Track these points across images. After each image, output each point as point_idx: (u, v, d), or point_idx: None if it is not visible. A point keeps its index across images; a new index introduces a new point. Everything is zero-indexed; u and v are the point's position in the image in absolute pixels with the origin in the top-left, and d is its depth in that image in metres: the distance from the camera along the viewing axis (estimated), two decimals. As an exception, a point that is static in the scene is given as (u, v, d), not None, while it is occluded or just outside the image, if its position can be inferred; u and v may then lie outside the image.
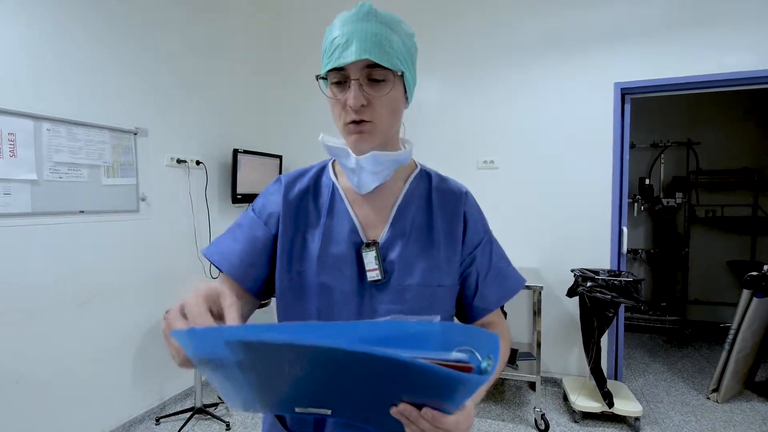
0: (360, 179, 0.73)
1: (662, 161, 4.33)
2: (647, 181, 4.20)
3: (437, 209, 0.78)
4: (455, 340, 0.43)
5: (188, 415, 2.57)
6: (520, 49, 3.06)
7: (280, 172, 3.57)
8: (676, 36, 2.72)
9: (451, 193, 0.81)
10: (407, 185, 0.80)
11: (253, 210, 0.80)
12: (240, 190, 3.15)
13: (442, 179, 0.83)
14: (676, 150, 4.31)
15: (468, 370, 0.40)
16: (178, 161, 2.78)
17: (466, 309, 0.81)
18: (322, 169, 0.83)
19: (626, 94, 2.87)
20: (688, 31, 2.69)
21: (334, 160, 0.84)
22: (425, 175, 0.83)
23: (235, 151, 3.10)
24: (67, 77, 2.15)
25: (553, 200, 3.02)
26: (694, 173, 4.21)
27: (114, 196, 2.40)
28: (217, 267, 0.76)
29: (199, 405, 2.60)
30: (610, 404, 2.48)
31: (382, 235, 0.75)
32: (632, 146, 4.31)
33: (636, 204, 4.22)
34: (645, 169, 4.42)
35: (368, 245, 0.73)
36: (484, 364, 0.41)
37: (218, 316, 0.51)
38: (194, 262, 2.90)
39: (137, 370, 2.54)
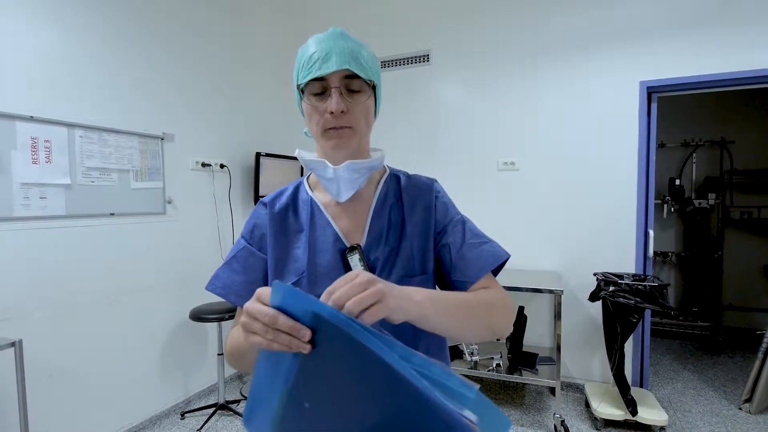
0: (338, 187, 0.78)
1: (694, 161, 4.17)
2: (678, 182, 4.05)
3: (408, 205, 0.83)
4: (469, 405, 0.43)
5: (211, 410, 2.65)
6: (542, 48, 3.01)
7: (302, 175, 3.63)
8: (704, 32, 2.61)
9: (419, 187, 0.86)
10: (379, 189, 0.85)
11: (243, 237, 0.84)
12: (262, 192, 3.23)
13: (410, 177, 0.89)
14: (708, 149, 4.14)
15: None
16: (203, 165, 2.88)
17: (450, 286, 0.82)
18: (297, 187, 0.88)
19: (652, 92, 2.79)
20: (717, 27, 2.59)
21: (308, 177, 0.89)
22: (394, 177, 0.88)
23: (258, 155, 3.18)
24: (98, 86, 2.26)
25: (576, 202, 2.96)
26: (728, 173, 4.03)
27: (142, 199, 2.50)
28: (224, 299, 0.81)
29: (221, 401, 2.68)
30: (634, 412, 2.41)
31: (362, 238, 0.80)
32: (662, 145, 4.17)
33: (666, 205, 4.08)
34: (676, 169, 4.26)
35: (352, 249, 0.77)
36: None
37: None
38: (217, 262, 2.96)
39: (164, 367, 2.65)
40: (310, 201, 0.83)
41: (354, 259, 0.76)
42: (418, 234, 0.81)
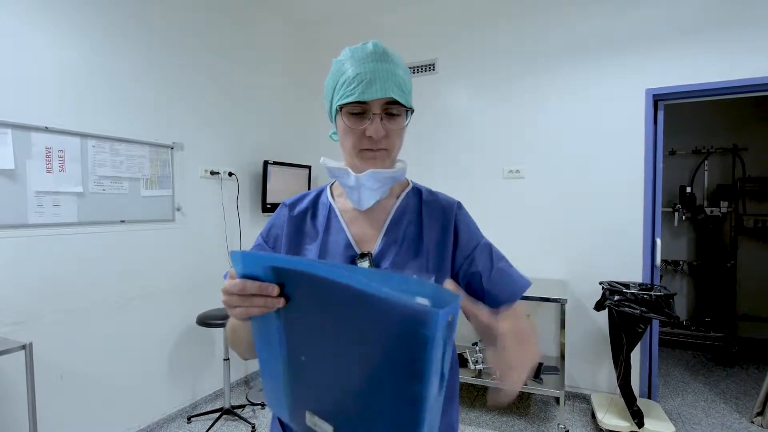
0: (360, 195, 0.79)
1: (706, 168, 4.11)
2: (689, 190, 3.99)
3: (426, 222, 0.83)
4: (421, 293, 0.45)
5: (217, 415, 2.69)
6: (548, 56, 3.02)
7: (309, 182, 3.68)
8: (711, 39, 2.59)
9: (441, 206, 0.85)
10: (399, 201, 0.85)
11: (261, 235, 0.87)
12: (270, 199, 3.28)
13: (432, 194, 0.88)
14: (720, 156, 4.08)
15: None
16: (212, 173, 2.94)
17: None
18: (320, 192, 0.90)
19: (659, 100, 2.77)
20: (724, 33, 2.56)
21: (331, 185, 0.91)
22: (416, 191, 0.88)
23: (266, 163, 3.23)
24: (110, 96, 2.34)
25: (582, 210, 2.94)
26: (740, 181, 3.96)
27: (152, 207, 2.57)
28: None
29: (227, 406, 2.71)
30: (640, 424, 2.38)
31: (375, 246, 0.80)
32: (672, 153, 4.13)
33: (677, 213, 4.02)
34: (687, 177, 4.20)
35: (362, 256, 0.78)
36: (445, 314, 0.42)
37: None
38: (225, 268, 3.03)
39: (171, 371, 2.70)
40: (328, 206, 0.85)
41: (363, 266, 0.76)
42: (434, 254, 0.80)
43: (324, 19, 3.67)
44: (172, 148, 2.68)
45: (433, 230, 0.82)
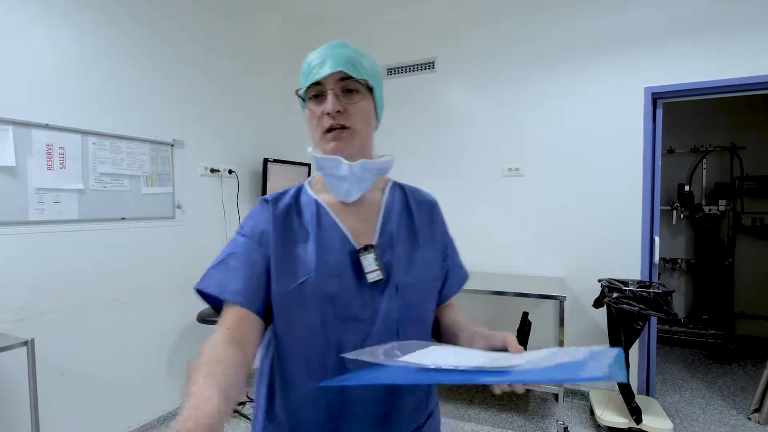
0: (349, 186, 0.78)
1: (704, 167, 4.13)
2: (687, 188, 4.01)
3: (417, 215, 0.87)
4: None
5: (217, 412, 2.69)
6: (547, 55, 3.02)
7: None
8: (710, 38, 2.60)
9: (426, 201, 0.92)
10: (386, 195, 0.87)
11: (242, 235, 0.79)
12: (269, 197, 3.28)
13: (414, 189, 0.93)
14: (718, 155, 4.10)
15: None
16: (212, 170, 2.94)
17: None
18: (299, 189, 0.87)
19: (658, 98, 2.78)
20: (723, 32, 2.57)
21: (309, 181, 0.89)
22: (398, 187, 0.92)
23: (266, 160, 3.24)
24: (111, 94, 2.34)
25: (581, 209, 2.95)
26: (738, 179, 3.98)
27: (152, 204, 2.57)
28: (217, 298, 0.74)
29: (227, 403, 2.72)
30: (638, 420, 2.39)
31: (374, 238, 0.80)
32: (671, 151, 4.14)
33: (675, 212, 4.04)
34: (685, 175, 4.22)
35: (366, 249, 0.77)
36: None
37: None
38: (226, 266, 3.04)
39: (172, 368, 2.70)
40: (315, 202, 0.82)
41: (368, 259, 0.76)
42: (429, 246, 0.85)
43: (324, 17, 3.67)
44: (172, 146, 2.68)
45: (423, 223, 0.87)
